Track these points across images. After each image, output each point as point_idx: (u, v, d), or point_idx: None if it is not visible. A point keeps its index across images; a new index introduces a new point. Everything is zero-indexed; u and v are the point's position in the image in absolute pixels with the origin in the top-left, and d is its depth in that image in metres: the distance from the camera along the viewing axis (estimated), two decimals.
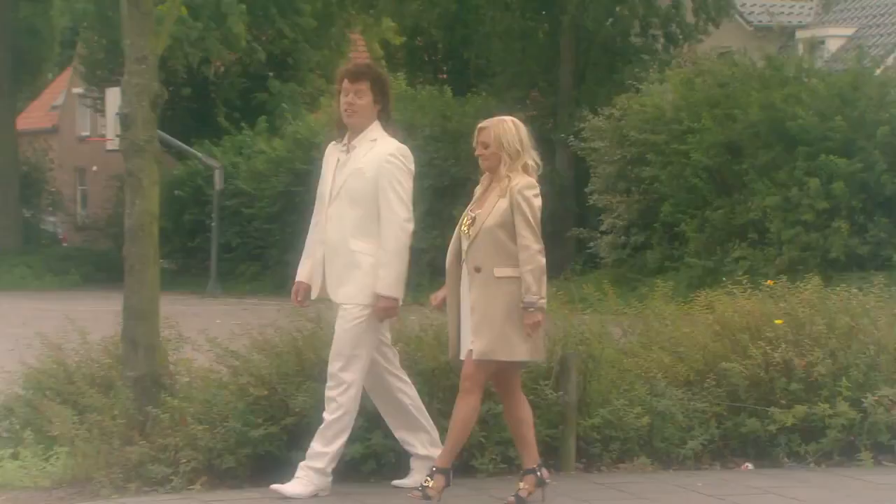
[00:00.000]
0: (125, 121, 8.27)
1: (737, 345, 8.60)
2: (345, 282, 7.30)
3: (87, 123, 48.08)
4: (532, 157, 7.23)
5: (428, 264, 29.13)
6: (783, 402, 8.41)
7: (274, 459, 7.70)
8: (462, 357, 7.14)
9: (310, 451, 7.29)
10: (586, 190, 26.02)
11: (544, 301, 7.05)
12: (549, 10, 29.30)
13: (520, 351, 7.07)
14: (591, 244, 25.89)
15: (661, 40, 29.23)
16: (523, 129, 7.32)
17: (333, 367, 7.25)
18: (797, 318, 8.64)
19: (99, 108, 38.42)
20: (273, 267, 31.32)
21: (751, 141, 22.85)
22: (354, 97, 7.38)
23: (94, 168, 46.72)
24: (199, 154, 32.10)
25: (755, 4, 37.49)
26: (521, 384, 7.34)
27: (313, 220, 7.61)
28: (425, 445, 7.50)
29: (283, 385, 7.77)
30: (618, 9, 28.85)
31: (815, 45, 29.55)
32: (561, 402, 8.02)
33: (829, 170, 21.62)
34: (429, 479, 7.08)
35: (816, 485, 7.94)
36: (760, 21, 37.04)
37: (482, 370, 7.07)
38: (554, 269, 22.80)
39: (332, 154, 7.56)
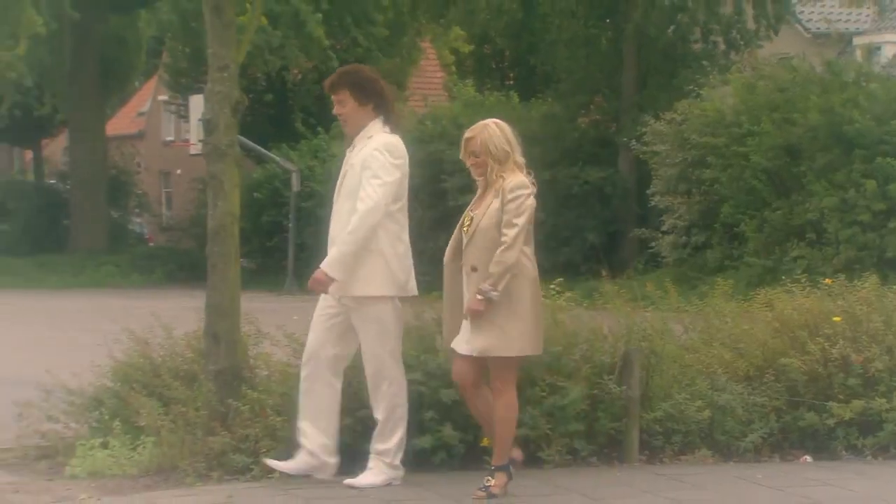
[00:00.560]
0: (208, 126, 8.32)
1: (795, 341, 8.53)
2: (350, 277, 7.28)
3: (172, 129, 48.50)
4: (520, 155, 7.22)
5: None
6: (841, 396, 8.33)
7: (349, 449, 7.71)
8: (461, 352, 7.12)
9: (374, 448, 7.33)
10: (648, 191, 25.85)
11: (497, 294, 6.93)
12: (613, 19, 29.17)
13: (516, 347, 7.05)
14: (653, 244, 25.71)
15: (722, 46, 29.01)
16: (508, 128, 7.30)
17: (368, 371, 7.31)
18: (855, 316, 8.55)
19: (183, 115, 38.71)
20: None
21: (809, 144, 22.62)
22: (339, 107, 7.44)
23: (178, 171, 47.08)
24: (277, 158, 32.23)
25: (812, 12, 37.12)
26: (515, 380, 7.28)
27: None
28: (317, 446, 7.45)
29: (356, 378, 7.78)
30: (679, 16, 28.67)
31: (871, 50, 29.20)
32: (624, 396, 7.99)
33: (886, 172, 21.36)
34: (489, 477, 7.06)
35: (873, 477, 7.85)
36: (818, 28, 36.67)
37: (503, 369, 7.06)
38: (616, 268, 22.72)
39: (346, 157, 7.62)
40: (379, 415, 7.34)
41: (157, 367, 8.49)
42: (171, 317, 9.09)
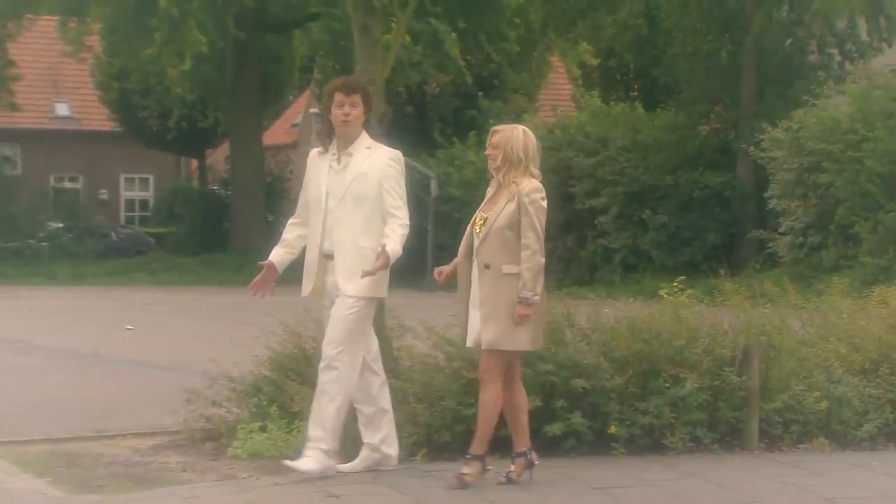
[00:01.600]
0: None
1: None
2: (354, 276, 7.07)
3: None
4: (535, 166, 7.03)
5: (620, 262, 29.03)
6: None
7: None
8: (470, 344, 7.04)
9: (311, 435, 7.15)
10: (766, 195, 25.52)
11: (538, 297, 6.84)
12: (732, 33, 28.83)
13: (523, 341, 6.93)
14: (770, 244, 25.36)
15: (837, 58, 28.49)
16: (532, 140, 7.11)
17: (328, 350, 7.09)
18: None
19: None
20: None
21: None
22: (350, 108, 7.19)
23: None
24: (417, 165, 32.47)
25: None
26: (521, 373, 7.17)
27: (297, 220, 7.46)
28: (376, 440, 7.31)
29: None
30: (796, 30, 28.29)
31: None
32: (744, 387, 7.88)
33: None
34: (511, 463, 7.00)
35: None
36: None
37: (497, 361, 6.94)
38: (735, 268, 22.40)
39: (321, 162, 7.33)
40: (321, 405, 7.15)
41: (310, 358, 8.55)
42: (320, 311, 9.17)
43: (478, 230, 7.03)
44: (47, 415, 10.31)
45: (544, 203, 6.96)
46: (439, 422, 7.65)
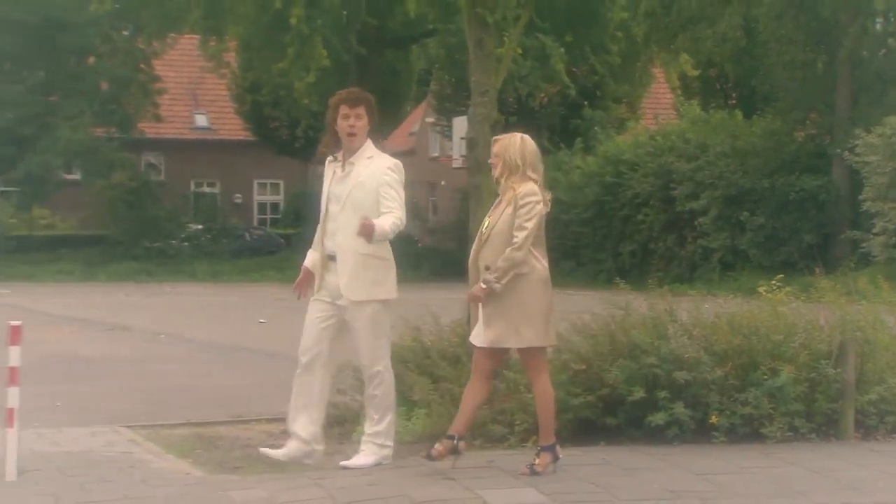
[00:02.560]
0: (470, 144, 8.41)
1: None
2: (358, 282, 7.03)
3: (437, 146, 49.18)
4: (534, 171, 6.84)
5: (719, 261, 28.66)
6: None
7: (591, 424, 7.68)
8: (475, 342, 6.91)
9: (366, 432, 7.20)
10: (860, 197, 25.03)
11: (500, 286, 6.66)
12: (827, 44, 28.32)
13: (527, 338, 6.77)
14: (864, 244, 24.85)
15: None
16: (530, 146, 6.91)
17: (365, 363, 7.09)
18: None
19: (447, 134, 39.25)
20: (586, 263, 31.29)
21: None
22: (355, 120, 7.14)
23: (443, 182, 47.77)
24: None
25: None
26: (547, 369, 7.01)
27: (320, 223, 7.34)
28: (308, 434, 7.28)
29: (598, 361, 7.74)
30: (890, 41, 27.70)
31: None
32: (839, 379, 7.72)
33: None
34: (536, 457, 6.86)
35: None
36: None
37: (490, 358, 6.83)
38: (830, 266, 22.00)
39: (329, 168, 7.29)
40: (372, 402, 7.19)
41: (428, 350, 8.61)
42: (437, 307, 9.22)
43: (483, 233, 6.94)
44: (189, 401, 10.52)
45: (539, 206, 6.79)
46: None
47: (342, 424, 8.42)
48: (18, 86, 36.47)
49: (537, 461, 6.89)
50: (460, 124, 30.51)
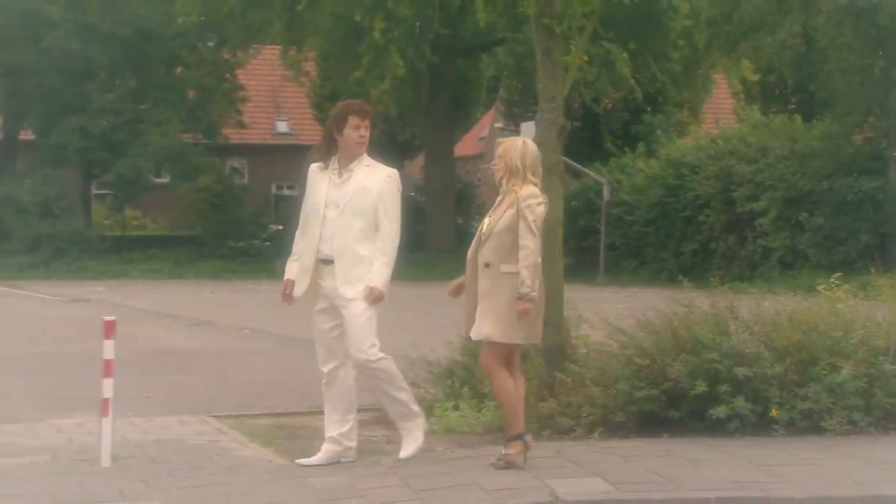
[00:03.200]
0: (538, 147, 8.36)
1: None
2: (354, 280, 6.98)
3: None
4: (533, 174, 6.76)
5: (778, 260, 28.30)
6: None
7: (655, 416, 7.62)
8: (471, 336, 6.85)
9: (401, 424, 7.21)
10: None
11: (535, 294, 6.60)
12: (885, 49, 27.85)
13: (517, 335, 6.71)
14: None
15: None
16: (531, 150, 6.84)
17: (361, 355, 6.99)
18: None
19: None
20: (649, 262, 31.06)
21: None
22: (366, 131, 7.10)
23: None
24: (590, 171, 32.28)
25: None
26: (520, 364, 6.96)
27: (300, 231, 7.24)
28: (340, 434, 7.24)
29: (661, 356, 7.69)
30: None
31: None
32: None
33: None
34: (503, 448, 6.79)
35: None
36: None
37: (493, 352, 6.76)
38: (888, 265, 21.63)
39: (321, 176, 7.15)
40: (401, 396, 7.17)
41: None
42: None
43: (483, 232, 6.88)
44: (270, 392, 10.60)
45: (541, 208, 6.73)
46: (613, 403, 7.59)
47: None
48: (112, 94, 37.04)
49: (507, 451, 6.78)
50: (527, 129, 30.39)
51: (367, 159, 7.19)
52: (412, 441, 7.20)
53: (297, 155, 46.84)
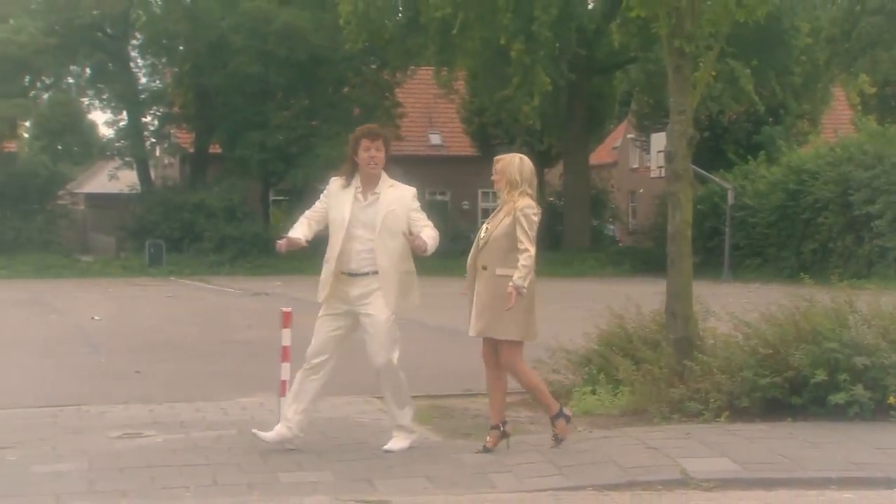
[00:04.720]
0: (669, 156, 8.27)
1: None
2: (398, 297, 6.88)
3: (637, 159, 48.55)
4: (530, 186, 6.67)
5: (894, 259, 27.25)
6: None
7: (778, 402, 7.44)
8: (470, 334, 6.73)
9: (397, 422, 7.02)
10: None
11: (525, 288, 6.47)
12: None
13: (511, 332, 6.59)
14: None
15: None
16: (527, 165, 6.75)
17: (381, 358, 6.86)
18: None
19: (645, 148, 38.65)
20: (771, 261, 30.31)
21: None
22: (375, 152, 6.88)
23: (641, 190, 47.13)
24: (715, 178, 31.66)
25: None
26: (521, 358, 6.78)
27: (306, 218, 6.97)
28: (295, 423, 6.97)
29: (783, 346, 7.50)
30: None
31: None
32: None
33: None
34: (554, 425, 6.75)
35: None
36: None
37: (511, 353, 6.65)
38: None
39: (344, 193, 6.93)
40: (397, 408, 7.02)
41: (630, 335, 8.53)
42: (638, 298, 9.11)
43: (481, 239, 6.81)
44: (426, 376, 10.68)
45: (535, 217, 6.70)
46: (739, 390, 7.45)
47: (556, 400, 8.42)
48: (287, 112, 37.94)
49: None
50: (658, 139, 30.03)
51: (388, 180, 7.01)
52: (398, 441, 7.02)
53: (447, 164, 47.40)
